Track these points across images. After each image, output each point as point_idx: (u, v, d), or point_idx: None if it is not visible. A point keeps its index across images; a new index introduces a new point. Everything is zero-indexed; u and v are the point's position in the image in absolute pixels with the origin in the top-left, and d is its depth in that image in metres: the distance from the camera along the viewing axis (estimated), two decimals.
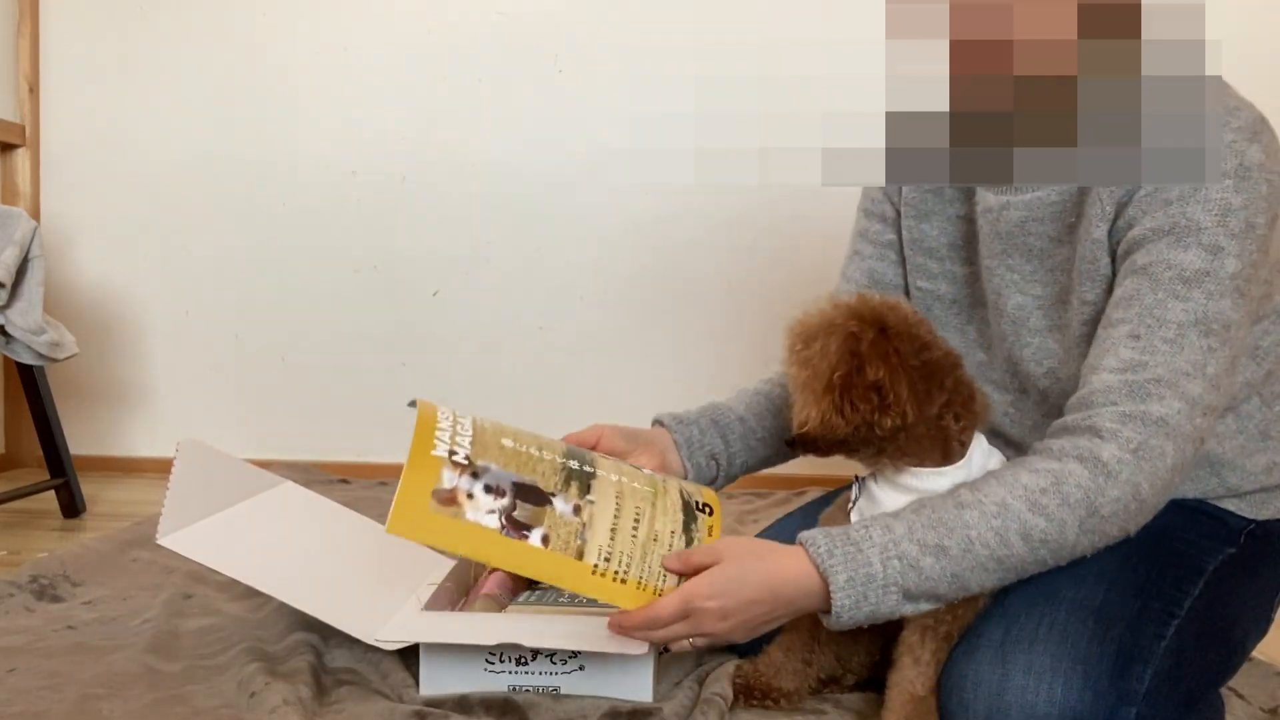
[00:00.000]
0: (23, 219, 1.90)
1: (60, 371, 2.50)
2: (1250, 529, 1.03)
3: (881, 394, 0.90)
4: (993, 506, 0.85)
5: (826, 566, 0.85)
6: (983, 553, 0.84)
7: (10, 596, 1.39)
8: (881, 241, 1.19)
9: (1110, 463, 0.84)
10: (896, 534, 0.86)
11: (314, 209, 2.56)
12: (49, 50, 2.58)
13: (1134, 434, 0.84)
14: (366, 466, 2.54)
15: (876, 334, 0.92)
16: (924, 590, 0.85)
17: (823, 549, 0.86)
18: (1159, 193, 0.89)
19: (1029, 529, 0.84)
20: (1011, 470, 0.88)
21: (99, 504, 2.18)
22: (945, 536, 0.85)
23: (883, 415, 0.90)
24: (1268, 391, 1.02)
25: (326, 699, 1.08)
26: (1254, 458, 1.02)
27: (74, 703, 1.06)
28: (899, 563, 0.84)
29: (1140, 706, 0.85)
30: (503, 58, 2.49)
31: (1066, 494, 0.84)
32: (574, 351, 2.52)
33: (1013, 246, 1.03)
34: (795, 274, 2.39)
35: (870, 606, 0.85)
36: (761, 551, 0.90)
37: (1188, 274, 0.87)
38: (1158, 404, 0.85)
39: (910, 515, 0.88)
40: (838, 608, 0.85)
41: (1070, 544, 0.85)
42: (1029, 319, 1.04)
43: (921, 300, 1.16)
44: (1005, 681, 0.86)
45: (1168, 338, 0.86)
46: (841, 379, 0.91)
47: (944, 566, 0.84)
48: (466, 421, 1.02)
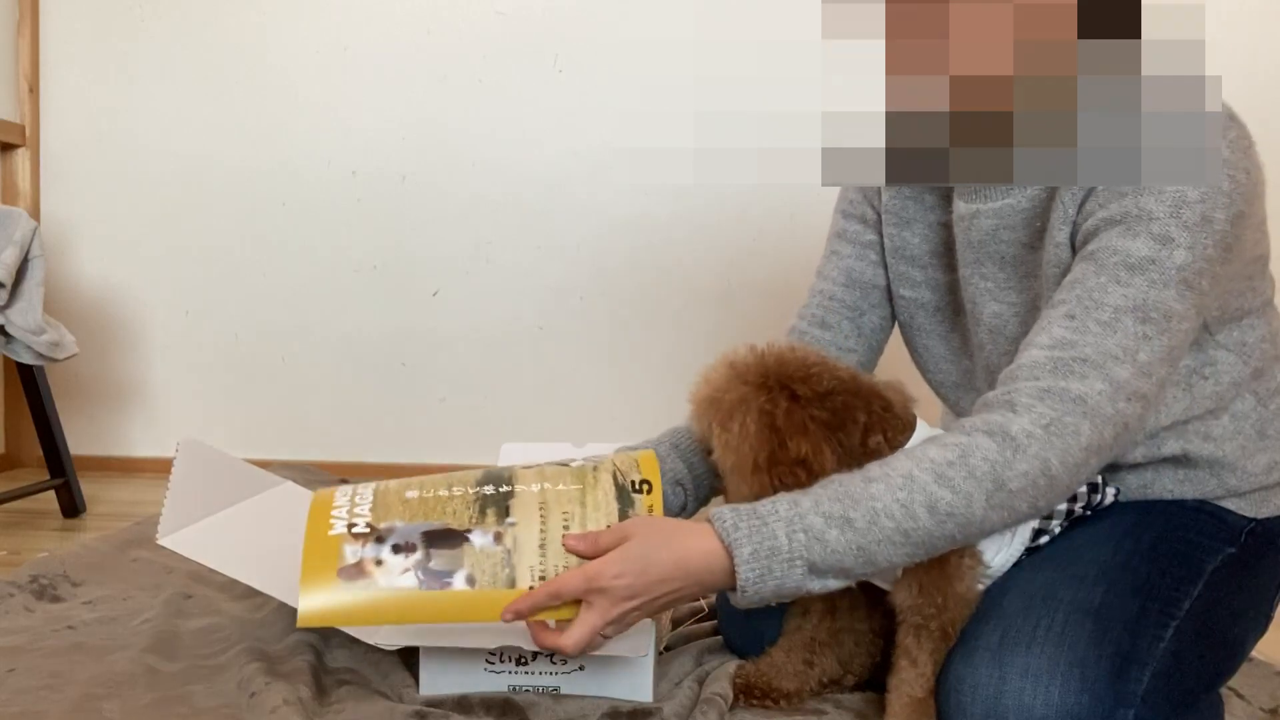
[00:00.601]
0: (23, 219, 1.90)
1: (60, 371, 2.50)
2: (1251, 528, 1.03)
3: (807, 466, 0.91)
4: (899, 479, 0.84)
5: (732, 540, 0.84)
6: (888, 525, 0.83)
7: (10, 596, 1.39)
8: (861, 241, 1.18)
9: (1019, 436, 0.83)
10: (802, 508, 0.85)
11: (314, 209, 2.56)
12: (49, 50, 2.58)
13: (1048, 410, 0.83)
14: (366, 466, 2.54)
15: (789, 404, 0.92)
16: (830, 564, 0.84)
17: (729, 523, 0.85)
18: (1116, 187, 0.89)
19: (935, 501, 0.83)
20: (922, 446, 0.88)
21: (99, 504, 2.18)
22: (850, 509, 0.84)
23: (810, 482, 0.90)
24: (1261, 389, 1.02)
25: (326, 699, 1.08)
26: (1254, 458, 1.02)
27: (74, 703, 1.06)
28: (804, 535, 0.83)
29: (1138, 708, 0.85)
30: (502, 58, 2.49)
31: (973, 467, 0.83)
32: (574, 351, 2.52)
33: (985, 255, 1.03)
34: (795, 274, 2.39)
35: (776, 581, 0.84)
36: (669, 529, 0.89)
37: (1132, 260, 0.86)
38: (1079, 382, 0.84)
39: (818, 490, 0.87)
40: (742, 581, 0.84)
41: (978, 518, 0.84)
42: (1005, 327, 1.03)
43: (905, 308, 1.15)
44: (1002, 684, 0.86)
45: (1102, 320, 0.86)
46: (767, 460, 0.92)
47: (849, 539, 0.83)
48: (367, 490, 0.97)
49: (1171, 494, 1.03)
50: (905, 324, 1.17)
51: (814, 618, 1.06)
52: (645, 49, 2.43)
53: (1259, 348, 1.00)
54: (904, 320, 1.17)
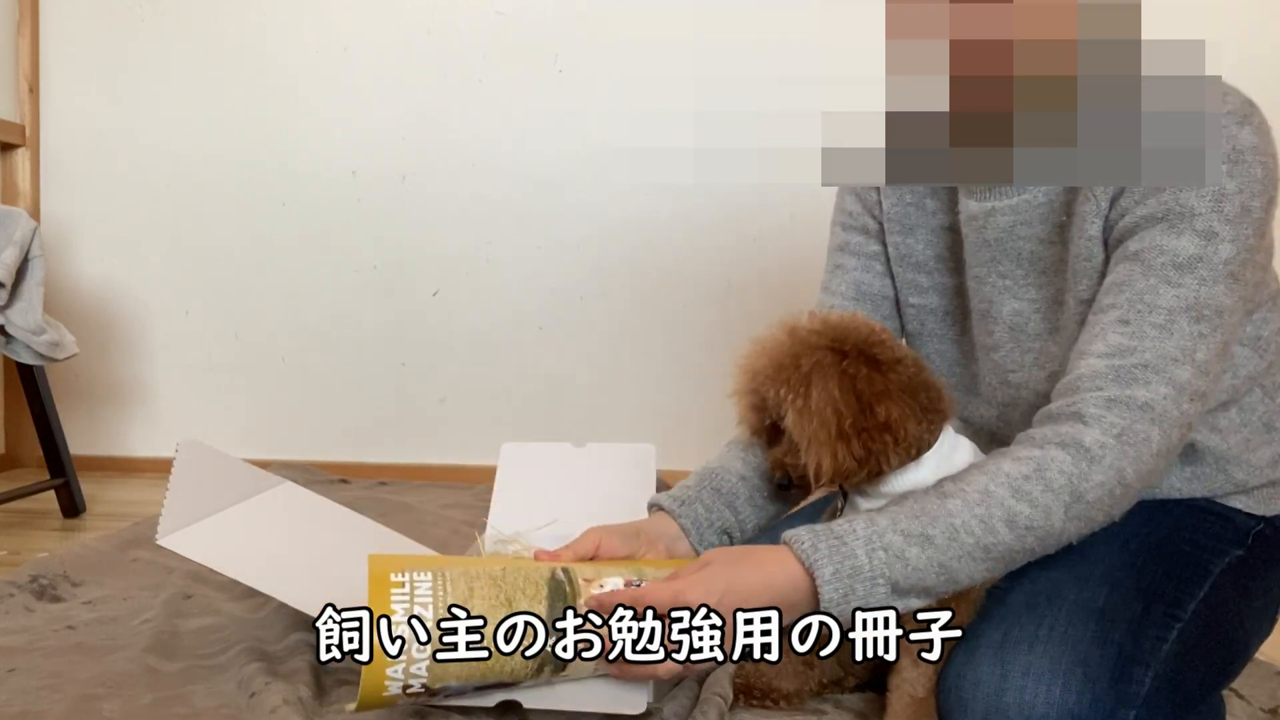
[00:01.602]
0: (23, 219, 1.90)
1: (60, 371, 2.50)
2: (1259, 529, 1.02)
3: (893, 431, 0.90)
4: (975, 494, 0.84)
5: (812, 561, 0.84)
6: (968, 540, 0.83)
7: (10, 596, 1.39)
8: (866, 253, 1.17)
9: (1093, 447, 0.83)
10: (880, 526, 0.85)
11: (314, 209, 2.56)
12: (49, 50, 2.58)
13: (1118, 419, 0.84)
14: (366, 466, 2.54)
15: (869, 369, 0.92)
16: (912, 582, 0.84)
17: (807, 544, 0.85)
18: (1120, 184, 0.89)
19: (1013, 516, 0.83)
20: (994, 460, 0.88)
21: (99, 504, 2.18)
22: (929, 525, 0.84)
23: (894, 451, 0.90)
24: (1269, 383, 1.02)
25: (326, 699, 1.08)
26: (1259, 451, 1.02)
27: (74, 703, 1.06)
28: (884, 554, 0.83)
29: (1139, 710, 0.85)
30: (502, 57, 2.49)
31: (1050, 480, 0.83)
32: (574, 351, 2.52)
33: (1002, 253, 1.02)
34: (795, 274, 2.39)
35: (858, 600, 0.84)
36: (748, 553, 0.89)
37: (1180, 260, 0.86)
38: (1143, 389, 0.84)
39: (894, 508, 0.87)
40: (825, 602, 0.83)
41: (1057, 530, 0.85)
42: (1027, 324, 1.03)
43: (915, 315, 1.15)
44: (1004, 683, 0.85)
45: (1157, 323, 0.86)
46: (852, 425, 0.90)
47: (930, 556, 0.83)
48: (425, 581, 0.87)
49: (1180, 493, 1.02)
50: (915, 333, 1.17)
51: None
52: (645, 49, 2.43)
53: (1273, 341, 1.00)
54: (913, 329, 1.17)
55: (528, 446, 1.50)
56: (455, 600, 0.86)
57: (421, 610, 0.85)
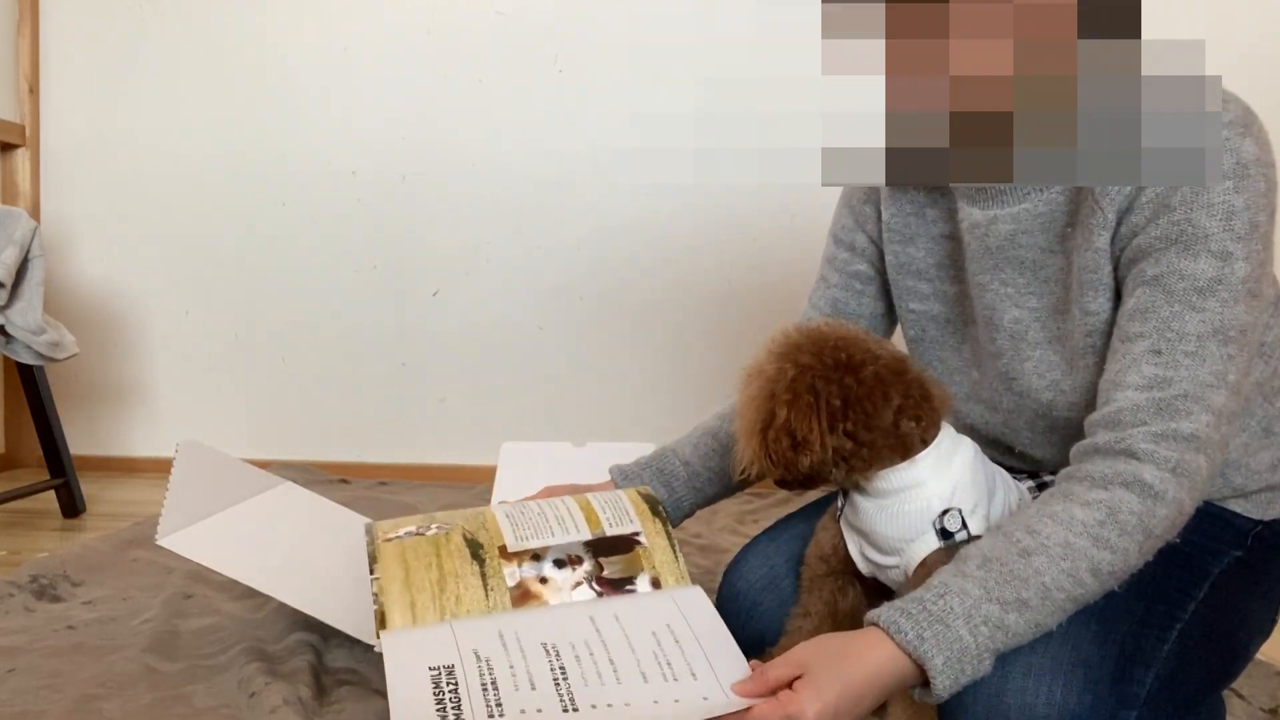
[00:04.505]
0: (23, 219, 1.90)
1: (60, 371, 2.50)
2: (1258, 531, 1.02)
3: (793, 436, 0.91)
4: (1058, 549, 0.84)
5: (920, 653, 0.82)
6: (1060, 596, 0.84)
7: (10, 596, 1.39)
8: (847, 271, 1.19)
9: (1155, 484, 0.84)
10: (974, 596, 0.83)
11: (314, 209, 2.56)
12: (49, 50, 2.58)
13: (1170, 453, 0.85)
14: (366, 466, 2.54)
15: (796, 372, 0.93)
16: (1011, 645, 0.84)
17: (911, 635, 0.82)
18: (1161, 198, 0.89)
19: (1097, 565, 0.84)
20: (1060, 504, 0.87)
21: (99, 504, 2.18)
22: (1022, 589, 0.83)
23: (799, 455, 0.91)
24: (1269, 387, 1.02)
25: (326, 699, 1.08)
26: (1258, 455, 1.02)
27: (74, 703, 1.06)
28: (986, 628, 0.82)
29: (1140, 710, 0.85)
30: (502, 57, 2.49)
31: (1123, 522, 0.84)
32: (574, 351, 2.53)
33: (1004, 260, 1.02)
34: (795, 274, 2.39)
35: (968, 677, 0.83)
36: (841, 646, 0.85)
37: (1201, 284, 0.87)
38: (1187, 420, 0.85)
39: (977, 572, 0.85)
40: (939, 691, 0.82)
41: (1132, 567, 0.86)
42: (1027, 332, 1.03)
43: (916, 321, 1.15)
44: (1004, 683, 0.86)
45: (1189, 351, 0.86)
46: (762, 424, 0.93)
47: (1028, 619, 0.83)
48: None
49: None
50: (916, 339, 1.17)
51: (814, 619, 1.05)
52: (645, 49, 2.43)
53: (1276, 347, 1.00)
54: (914, 335, 1.17)
55: (527, 446, 1.50)
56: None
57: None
